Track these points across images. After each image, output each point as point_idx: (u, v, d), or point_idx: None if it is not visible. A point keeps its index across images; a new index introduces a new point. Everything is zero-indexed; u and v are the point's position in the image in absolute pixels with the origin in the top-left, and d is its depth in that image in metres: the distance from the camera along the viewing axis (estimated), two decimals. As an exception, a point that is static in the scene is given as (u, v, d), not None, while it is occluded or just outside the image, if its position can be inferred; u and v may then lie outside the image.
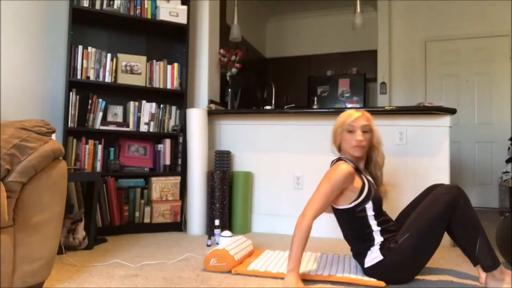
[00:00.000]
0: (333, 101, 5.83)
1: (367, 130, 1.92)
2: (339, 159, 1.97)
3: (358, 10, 3.95)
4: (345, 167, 1.84)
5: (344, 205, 1.89)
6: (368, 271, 1.84)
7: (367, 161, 2.02)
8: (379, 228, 1.85)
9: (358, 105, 5.64)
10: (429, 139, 2.87)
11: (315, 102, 4.84)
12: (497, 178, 4.76)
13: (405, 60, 5.30)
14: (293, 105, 4.13)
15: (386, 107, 3.08)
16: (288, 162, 3.19)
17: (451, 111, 2.79)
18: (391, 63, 5.34)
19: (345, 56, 6.11)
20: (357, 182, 1.87)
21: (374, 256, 1.82)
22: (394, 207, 2.13)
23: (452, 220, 1.75)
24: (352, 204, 1.86)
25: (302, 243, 1.75)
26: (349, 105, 5.65)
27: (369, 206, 1.86)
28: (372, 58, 5.59)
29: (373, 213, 1.86)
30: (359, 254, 1.90)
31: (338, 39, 6.32)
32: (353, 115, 1.95)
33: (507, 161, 4.20)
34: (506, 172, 4.15)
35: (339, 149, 2.04)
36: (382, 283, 1.78)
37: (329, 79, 5.95)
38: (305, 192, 3.13)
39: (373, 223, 1.86)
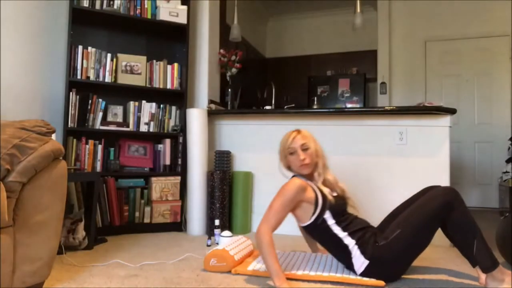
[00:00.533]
0: (333, 101, 5.83)
1: (307, 147, 1.99)
2: (293, 177, 2.03)
3: (358, 10, 3.95)
4: (296, 181, 1.91)
5: (306, 221, 1.93)
6: (363, 275, 1.85)
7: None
8: (345, 233, 1.88)
9: (358, 105, 5.64)
10: (429, 139, 2.87)
11: (315, 102, 4.84)
12: (497, 178, 4.75)
13: (405, 60, 5.30)
14: (293, 105, 4.14)
15: (386, 107, 3.08)
16: (288, 162, 3.18)
17: (451, 111, 2.79)
18: (391, 63, 5.34)
19: (345, 56, 6.11)
20: (310, 193, 1.92)
21: (360, 262, 1.83)
22: (393, 206, 2.13)
23: (448, 222, 1.77)
24: (312, 219, 1.90)
25: (273, 256, 1.75)
26: (349, 105, 5.66)
27: (327, 216, 1.89)
28: (372, 58, 5.59)
29: (333, 221, 1.89)
30: (347, 265, 1.91)
31: (338, 39, 6.31)
32: (290, 137, 2.02)
33: (507, 161, 4.20)
34: (506, 172, 4.15)
35: (291, 170, 2.09)
36: (382, 283, 1.78)
37: (329, 79, 5.95)
38: (305, 192, 3.13)
39: (337, 230, 1.88)
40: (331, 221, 1.89)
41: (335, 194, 1.99)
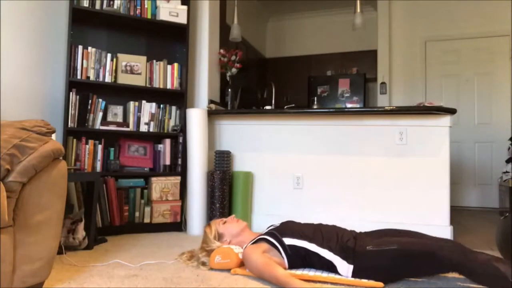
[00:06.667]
0: (333, 101, 5.83)
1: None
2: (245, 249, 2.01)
3: (358, 10, 3.95)
4: (251, 250, 1.91)
5: (283, 261, 1.91)
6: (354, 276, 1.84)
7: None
8: (316, 246, 1.89)
9: (358, 105, 5.64)
10: (429, 139, 2.87)
11: (315, 102, 4.84)
12: (497, 178, 4.76)
13: (405, 60, 5.31)
14: (293, 105, 4.14)
15: (386, 107, 3.08)
16: (288, 162, 3.19)
17: (451, 111, 2.79)
18: (391, 63, 5.34)
19: (345, 56, 6.12)
20: (263, 247, 1.92)
21: (345, 268, 1.82)
22: (393, 207, 2.14)
23: (468, 278, 1.70)
24: (284, 256, 1.91)
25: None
26: (349, 105, 5.66)
27: (288, 239, 1.93)
28: (372, 58, 5.60)
29: (295, 238, 1.92)
30: (335, 272, 1.88)
31: (338, 39, 6.32)
32: (214, 221, 2.22)
33: (507, 161, 4.21)
34: (506, 172, 4.15)
35: (232, 242, 2.13)
36: (381, 284, 1.78)
37: (329, 79, 5.95)
38: (305, 192, 3.13)
39: (303, 244, 1.91)
40: (290, 241, 1.91)
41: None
